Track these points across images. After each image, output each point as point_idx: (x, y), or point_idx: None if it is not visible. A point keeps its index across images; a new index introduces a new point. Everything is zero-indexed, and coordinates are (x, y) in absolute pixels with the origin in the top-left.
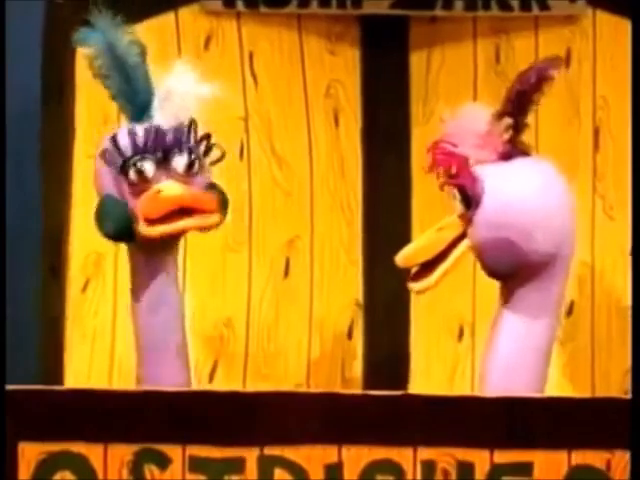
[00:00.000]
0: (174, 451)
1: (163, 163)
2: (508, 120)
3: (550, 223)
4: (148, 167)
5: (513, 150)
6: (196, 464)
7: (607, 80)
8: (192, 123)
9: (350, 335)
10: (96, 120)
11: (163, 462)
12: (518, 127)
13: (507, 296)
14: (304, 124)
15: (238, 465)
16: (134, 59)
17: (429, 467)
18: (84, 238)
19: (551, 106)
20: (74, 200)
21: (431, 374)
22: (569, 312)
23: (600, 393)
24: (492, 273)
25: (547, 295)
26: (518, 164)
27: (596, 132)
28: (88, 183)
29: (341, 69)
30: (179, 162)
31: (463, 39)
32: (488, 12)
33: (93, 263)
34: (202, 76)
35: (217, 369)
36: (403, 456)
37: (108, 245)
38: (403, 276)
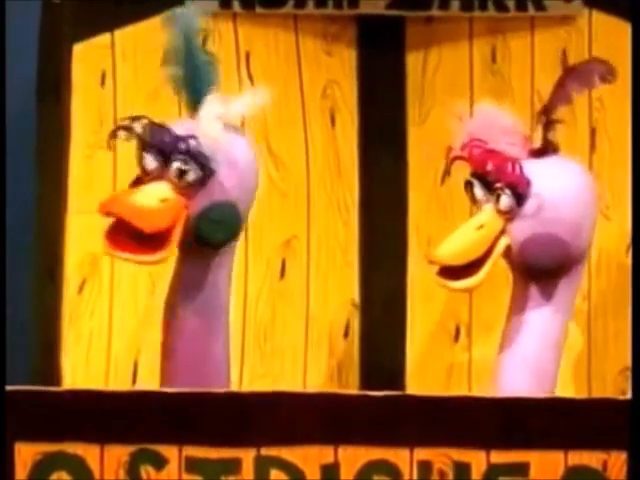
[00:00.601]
0: (170, 451)
1: (164, 164)
2: (545, 118)
3: (590, 220)
4: (149, 160)
5: (544, 148)
6: (192, 464)
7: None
8: (193, 137)
9: (346, 335)
10: (92, 120)
11: (159, 462)
12: (551, 125)
13: (543, 293)
14: (300, 124)
15: (234, 465)
16: (204, 53)
17: (425, 467)
18: (80, 239)
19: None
20: (70, 200)
21: (427, 374)
22: None
23: (596, 394)
24: (534, 270)
25: (569, 292)
26: (554, 160)
27: (592, 133)
28: (84, 183)
29: (337, 69)
30: (173, 167)
31: (459, 39)
32: (484, 12)
33: (89, 264)
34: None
35: None
36: (399, 456)
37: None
38: (400, 276)
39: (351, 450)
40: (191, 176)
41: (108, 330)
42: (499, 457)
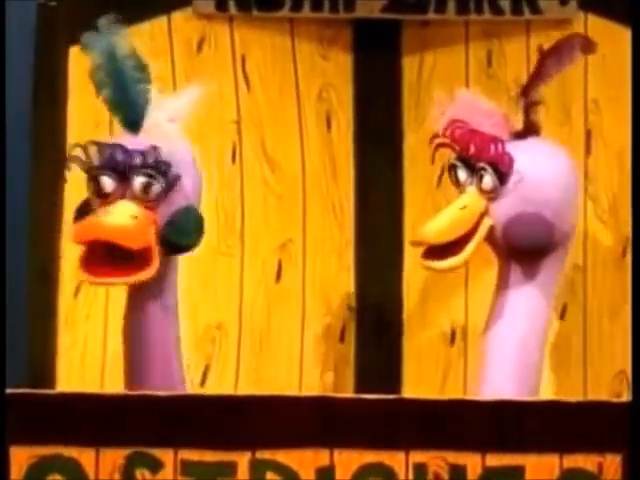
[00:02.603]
0: (166, 455)
1: (123, 181)
2: (523, 99)
3: (573, 201)
4: (106, 182)
5: (526, 130)
6: (188, 468)
7: (598, 84)
8: (154, 148)
9: (342, 338)
10: (88, 124)
11: (155, 466)
12: (532, 106)
13: (527, 273)
14: (296, 127)
15: (230, 469)
16: (132, 70)
17: (421, 470)
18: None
19: (543, 109)
20: (65, 204)
21: (423, 378)
22: (562, 315)
23: (592, 397)
24: (516, 250)
25: (553, 273)
26: (535, 142)
27: (588, 135)
28: (80, 187)
29: (333, 73)
30: (136, 182)
31: (455, 43)
32: (480, 16)
33: None
34: (195, 79)
35: (209, 373)
36: (395, 459)
37: None
38: (395, 280)
39: (346, 453)
40: (156, 188)
41: (103, 333)
42: (494, 460)
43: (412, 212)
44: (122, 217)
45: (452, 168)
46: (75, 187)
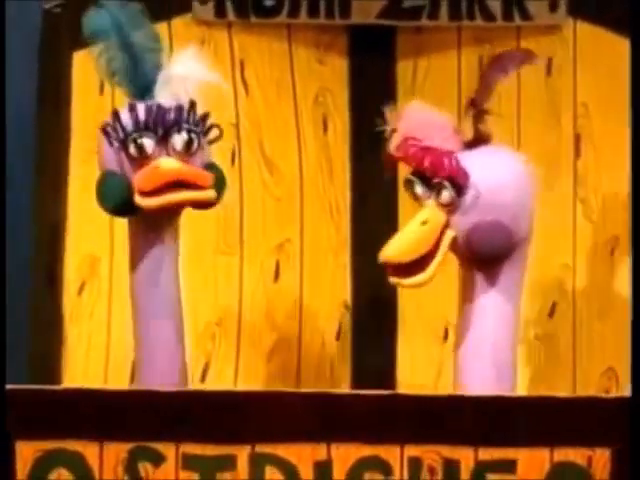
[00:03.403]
0: (168, 449)
1: (163, 140)
2: (474, 109)
3: (529, 204)
4: (148, 143)
5: (477, 140)
6: (189, 461)
7: (587, 88)
8: (192, 103)
9: (338, 336)
10: (91, 126)
11: (157, 460)
12: (480, 116)
13: (483, 278)
14: (294, 130)
15: (230, 462)
16: (142, 39)
17: (416, 464)
18: (80, 241)
19: (533, 113)
20: (70, 204)
21: (417, 374)
22: (551, 313)
23: (581, 392)
24: (478, 257)
25: (515, 275)
26: (486, 150)
27: (577, 139)
28: (84, 187)
29: (329, 77)
30: (178, 140)
31: (448, 48)
32: (472, 22)
33: (89, 266)
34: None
35: (209, 369)
36: (390, 453)
37: (103, 248)
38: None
39: (343, 447)
40: (195, 145)
41: (107, 330)
42: (487, 454)
43: (407, 212)
44: (178, 163)
45: (409, 183)
46: (79, 187)
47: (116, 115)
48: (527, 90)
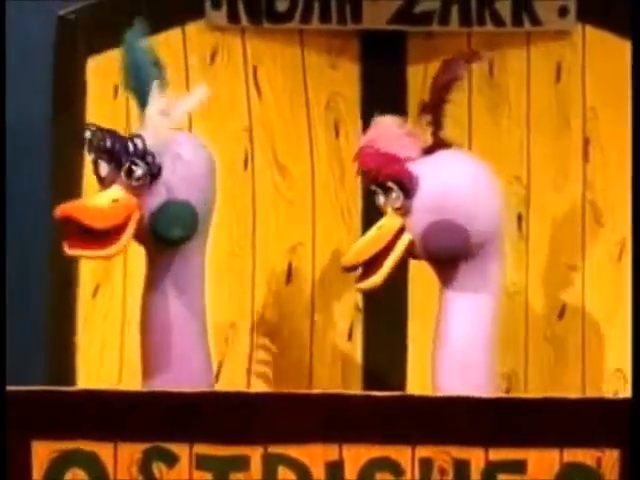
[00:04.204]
0: (181, 449)
1: (117, 167)
2: (427, 117)
3: (485, 203)
4: (102, 166)
5: (435, 145)
6: (202, 462)
7: (596, 92)
8: (139, 137)
9: (350, 337)
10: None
11: (171, 460)
12: (438, 123)
13: (448, 279)
14: (306, 135)
15: (243, 463)
16: (147, 64)
17: (426, 465)
18: None
19: (542, 118)
20: None
21: (428, 375)
22: (561, 314)
23: (590, 393)
24: (436, 258)
25: (485, 274)
26: (443, 154)
27: (586, 142)
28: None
29: (341, 82)
30: (123, 170)
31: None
32: (482, 27)
33: (103, 269)
34: (208, 88)
35: (222, 370)
36: (401, 454)
37: None
38: (401, 280)
39: (355, 448)
40: (138, 173)
41: (121, 332)
42: (497, 454)
43: None
44: (100, 199)
45: (374, 194)
46: (94, 190)
47: (95, 135)
48: (536, 94)
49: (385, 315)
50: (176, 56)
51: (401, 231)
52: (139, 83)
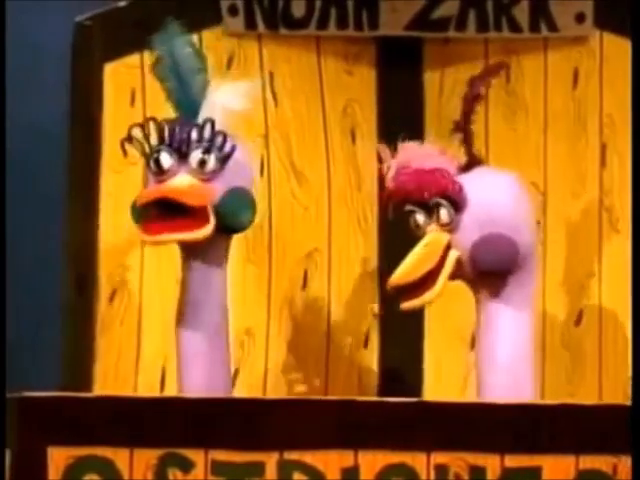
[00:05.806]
0: (197, 455)
1: (182, 158)
2: (460, 134)
3: (524, 216)
4: (165, 159)
5: (470, 163)
6: (218, 468)
7: (613, 99)
8: (210, 121)
9: (366, 344)
10: (122, 136)
11: (186, 466)
12: (469, 141)
13: (496, 292)
14: (322, 141)
15: (258, 469)
16: (190, 66)
17: (442, 471)
18: (111, 251)
19: (559, 124)
20: (101, 214)
21: (444, 382)
22: (578, 321)
23: (607, 400)
24: (487, 274)
25: (529, 288)
26: (481, 170)
27: (603, 149)
28: (115, 197)
29: (358, 88)
30: (194, 158)
31: (475, 59)
32: (499, 34)
33: (119, 275)
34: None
35: (238, 376)
36: (417, 460)
37: (134, 257)
38: None
39: (370, 454)
40: (212, 163)
41: (137, 338)
42: (513, 461)
43: None
44: (179, 183)
45: (409, 214)
46: (111, 196)
47: (143, 128)
48: (553, 101)
49: (401, 322)
50: None
51: (448, 248)
52: (183, 76)
